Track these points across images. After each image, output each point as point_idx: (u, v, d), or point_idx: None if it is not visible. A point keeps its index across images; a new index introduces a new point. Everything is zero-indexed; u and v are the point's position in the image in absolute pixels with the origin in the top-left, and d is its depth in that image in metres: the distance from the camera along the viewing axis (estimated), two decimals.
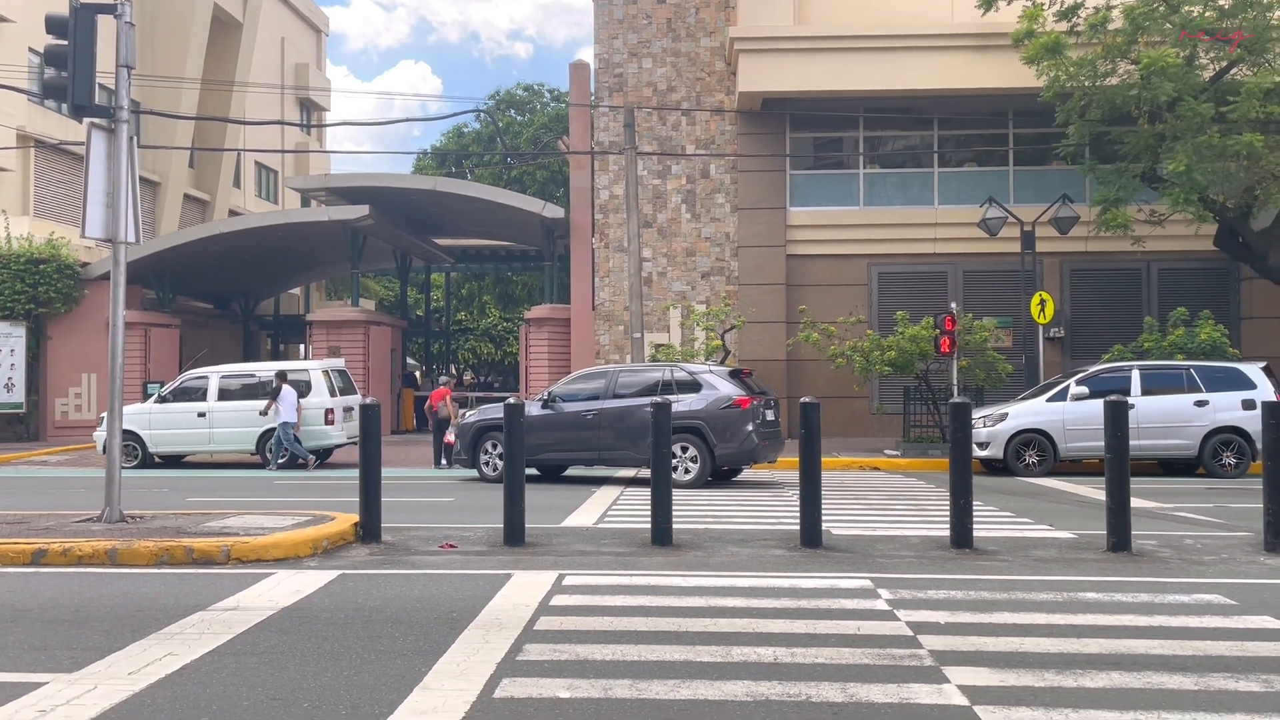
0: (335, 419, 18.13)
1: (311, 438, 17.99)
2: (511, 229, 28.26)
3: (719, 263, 23.34)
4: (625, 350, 23.14)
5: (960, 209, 22.52)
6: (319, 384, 18.23)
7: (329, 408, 18.10)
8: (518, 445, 8.66)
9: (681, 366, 14.63)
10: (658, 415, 8.63)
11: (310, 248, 27.62)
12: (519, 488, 8.58)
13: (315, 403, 18.06)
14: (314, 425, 17.96)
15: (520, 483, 8.60)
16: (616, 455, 14.41)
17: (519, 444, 8.67)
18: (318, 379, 18.31)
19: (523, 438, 8.72)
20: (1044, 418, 16.03)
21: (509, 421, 8.70)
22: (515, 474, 8.61)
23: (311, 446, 18.18)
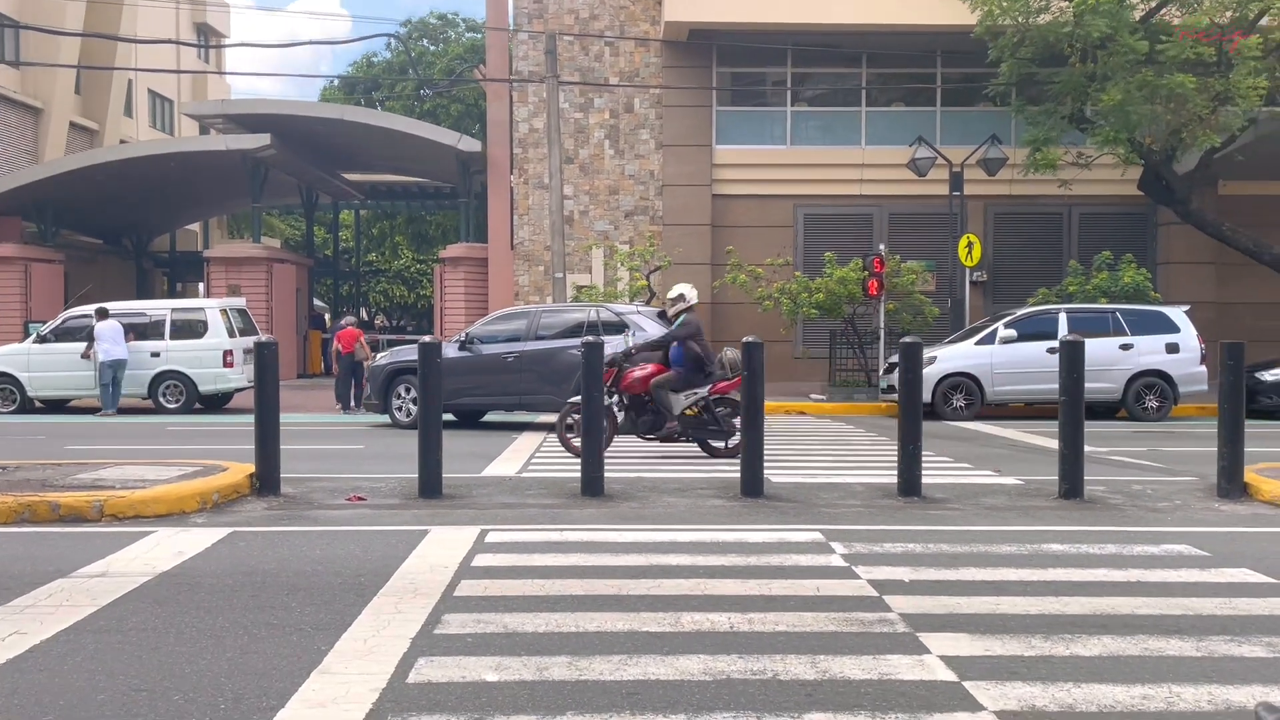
0: (234, 361, 16.96)
1: (208, 381, 16.83)
2: (425, 164, 26.96)
3: (643, 202, 22.56)
4: (546, 292, 22.30)
5: (887, 150, 22.11)
6: (215, 324, 17.01)
7: (227, 349, 16.93)
8: (434, 388, 7.88)
9: (607, 307, 13.91)
10: (589, 356, 7.93)
11: (207, 180, 25.92)
12: (435, 433, 7.82)
13: (212, 344, 16.86)
14: (211, 368, 16.79)
15: (437, 428, 7.83)
16: (539, 400, 13.70)
17: (436, 386, 7.89)
18: (214, 318, 17.08)
19: (440, 379, 7.94)
20: (972, 361, 15.81)
21: (425, 361, 7.90)
22: (431, 419, 7.84)
23: (209, 391, 17.04)
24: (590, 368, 7.93)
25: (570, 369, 13.33)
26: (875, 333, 18.13)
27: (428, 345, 7.93)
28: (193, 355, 16.76)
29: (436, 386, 7.88)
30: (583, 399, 7.96)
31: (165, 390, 16.80)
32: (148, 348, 16.73)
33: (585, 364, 7.95)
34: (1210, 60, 16.92)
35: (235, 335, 17.23)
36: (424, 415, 7.87)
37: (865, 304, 18.32)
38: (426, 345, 7.94)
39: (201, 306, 17.53)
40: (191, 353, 16.76)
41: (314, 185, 28.11)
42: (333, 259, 32.78)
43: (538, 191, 22.51)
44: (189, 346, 16.79)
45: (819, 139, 22.56)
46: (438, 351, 7.93)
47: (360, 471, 9.53)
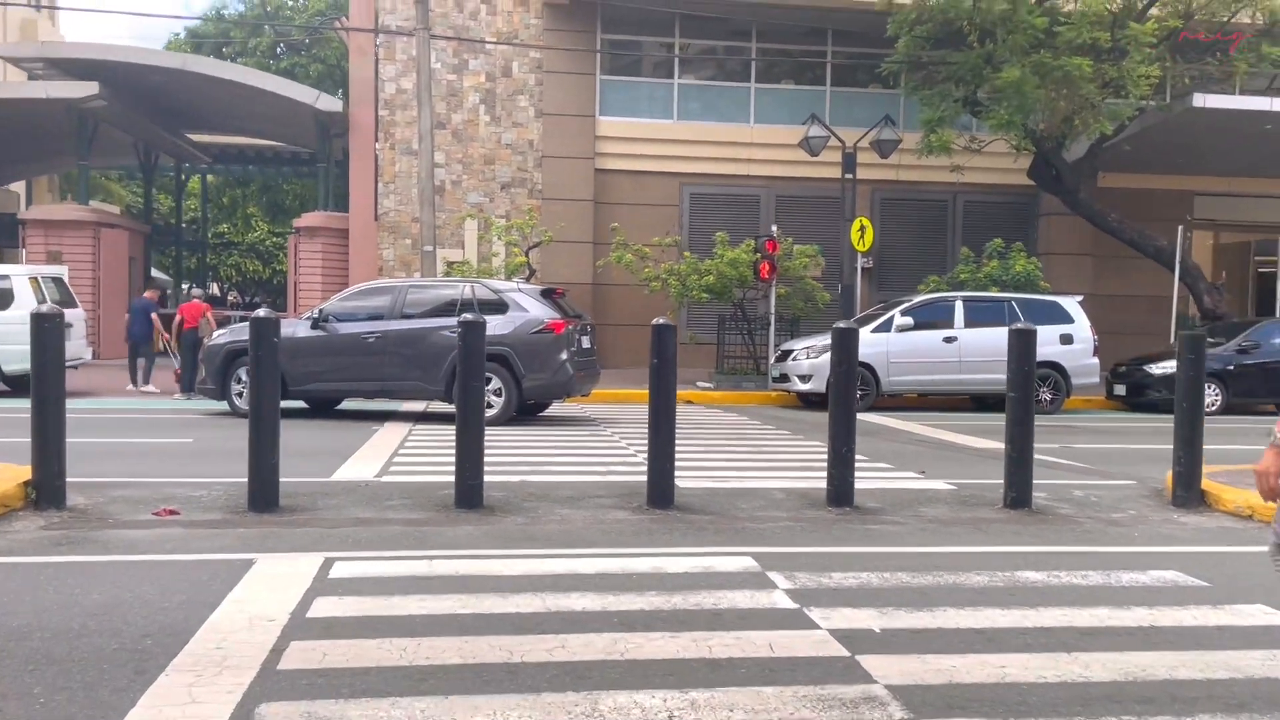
0: None
1: (12, 360, 14.52)
2: (280, 125, 24.68)
3: (521, 173, 21.05)
4: (414, 267, 20.57)
5: (776, 129, 21.28)
6: (23, 294, 14.70)
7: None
8: (268, 372, 6.36)
9: (485, 284, 12.45)
10: (468, 338, 6.55)
11: (29, 134, 22.96)
12: (270, 429, 6.31)
13: (17, 317, 14.53)
14: (15, 344, 14.45)
15: (272, 421, 6.32)
16: (404, 386, 12.15)
17: (270, 370, 6.37)
18: (21, 288, 14.76)
19: (276, 362, 6.42)
20: (868, 350, 14.95)
21: (257, 341, 6.36)
22: (265, 410, 6.32)
23: (14, 371, 14.73)
24: (470, 350, 6.55)
25: (442, 352, 11.86)
26: (765, 318, 17.22)
27: (262, 321, 6.38)
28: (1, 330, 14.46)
29: (271, 371, 6.36)
30: (458, 388, 6.57)
31: None
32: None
33: (463, 346, 6.57)
34: (1105, 47, 16.63)
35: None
36: (256, 405, 6.35)
37: (755, 288, 17.39)
38: (260, 321, 6.39)
39: (6, 274, 15.14)
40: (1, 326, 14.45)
41: (153, 144, 25.41)
42: (175, 227, 29.91)
43: (405, 158, 20.72)
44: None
45: (707, 114, 21.51)
46: (275, 329, 6.40)
47: (181, 474, 7.88)
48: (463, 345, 6.57)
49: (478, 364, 6.65)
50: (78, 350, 15.67)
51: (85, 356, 16.00)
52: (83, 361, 15.94)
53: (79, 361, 15.76)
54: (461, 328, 6.61)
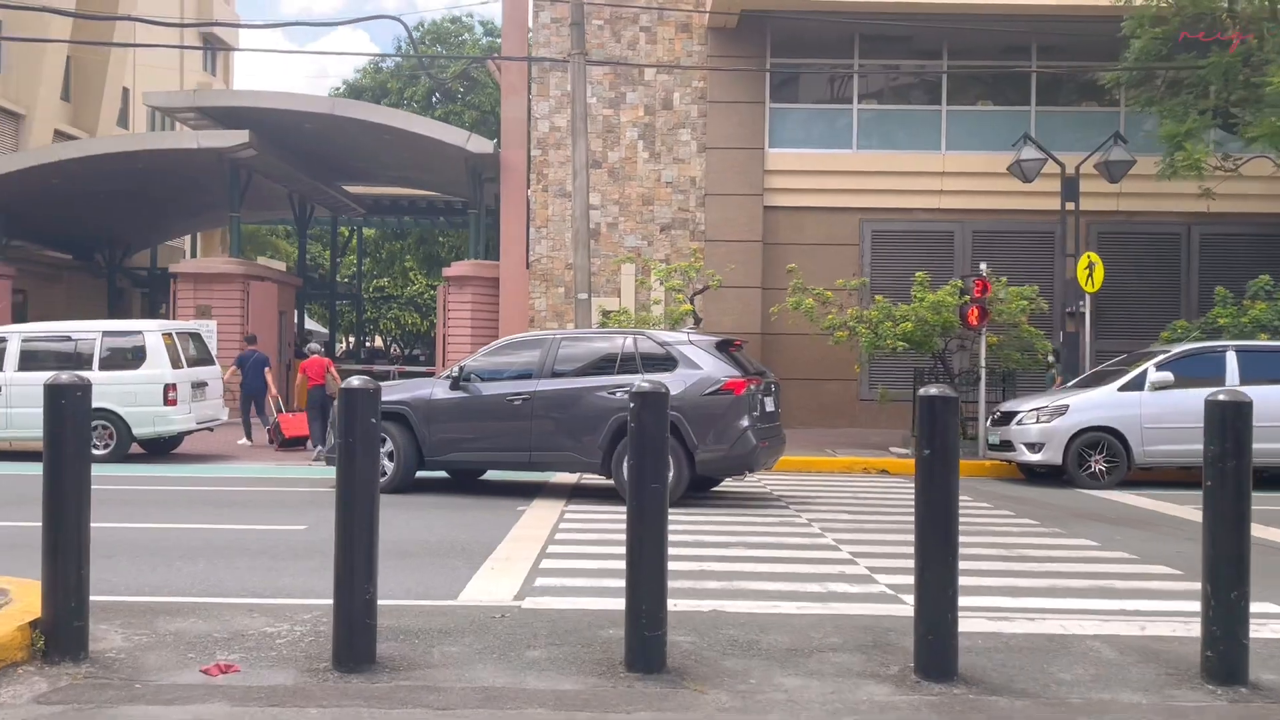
0: (178, 398, 13.59)
1: (144, 422, 13.47)
2: (432, 172, 23.76)
3: (682, 213, 19.18)
4: (566, 317, 18.92)
5: (971, 156, 18.71)
6: (156, 350, 13.65)
7: (169, 383, 13.55)
8: (365, 467, 4.44)
9: (649, 335, 10.45)
10: (644, 415, 4.50)
11: (185, 186, 22.79)
12: (365, 548, 4.40)
13: (150, 376, 13.51)
14: (148, 406, 13.43)
15: (368, 537, 4.41)
16: (554, 458, 10.24)
17: (367, 464, 4.46)
18: (154, 344, 13.68)
19: (375, 451, 4.51)
20: (1116, 411, 12.23)
21: (350, 423, 4.45)
22: (357, 523, 4.41)
23: (146, 434, 13.69)
24: (647, 435, 4.48)
25: (599, 416, 9.92)
26: (972, 373, 14.58)
27: (356, 394, 4.47)
28: (125, 390, 13.42)
29: (368, 465, 4.45)
30: (631, 487, 4.50)
31: (93, 432, 13.48)
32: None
33: (637, 428, 4.51)
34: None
35: (183, 365, 13.90)
36: (345, 518, 4.43)
37: (961, 336, 14.81)
38: (354, 394, 4.48)
39: (139, 329, 14.10)
40: (124, 386, 13.42)
41: (307, 196, 24.94)
42: (329, 279, 29.54)
43: (558, 200, 19.19)
44: (121, 379, 13.45)
45: (890, 143, 19.14)
46: (372, 405, 4.47)
47: (272, 586, 6.09)
48: (636, 427, 4.51)
49: (657, 452, 4.56)
50: (212, 410, 14.57)
51: (221, 417, 14.88)
52: (219, 422, 14.83)
53: (214, 422, 14.65)
54: (635, 401, 4.56)
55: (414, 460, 10.50)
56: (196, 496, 10.13)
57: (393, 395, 10.74)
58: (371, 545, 4.42)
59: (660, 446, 4.55)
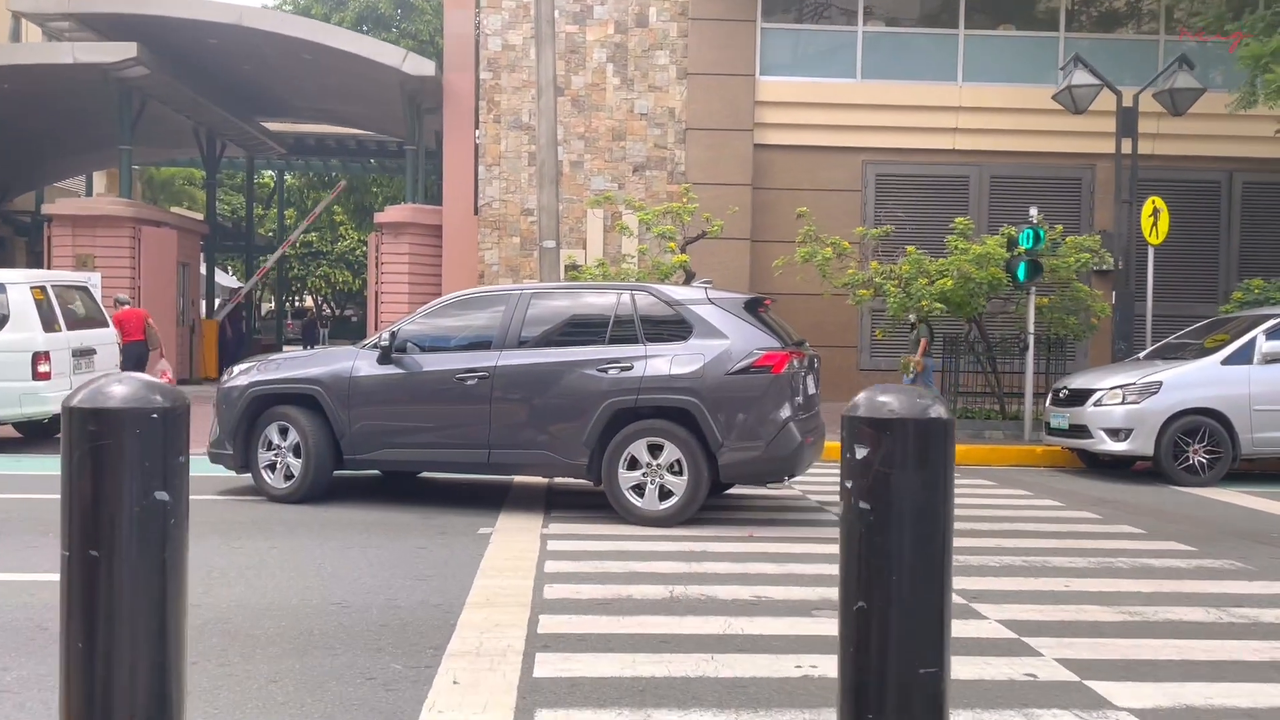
0: (53, 369, 10.53)
1: (6, 402, 10.37)
2: (363, 104, 20.58)
3: (658, 151, 16.38)
4: (524, 272, 16.10)
5: (992, 88, 16.24)
6: (21, 308, 10.51)
7: (39, 351, 10.47)
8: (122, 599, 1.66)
9: (654, 290, 7.69)
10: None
11: (69, 115, 19.34)
12: None
13: (13, 341, 10.39)
14: (12, 380, 10.32)
15: None
16: (524, 457, 7.50)
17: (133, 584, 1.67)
18: (19, 300, 10.54)
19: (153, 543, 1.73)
20: (1220, 390, 9.86)
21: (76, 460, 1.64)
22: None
23: (9, 417, 10.61)
24: None
25: (585, 401, 7.25)
26: (1021, 340, 12.12)
27: (95, 412, 1.67)
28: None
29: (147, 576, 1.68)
30: None
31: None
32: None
33: None
34: None
35: (60, 327, 10.81)
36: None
37: (1006, 297, 12.35)
38: (85, 412, 1.67)
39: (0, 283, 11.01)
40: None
41: (215, 130, 21.57)
42: (246, 229, 26.12)
43: (513, 133, 16.25)
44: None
45: (899, 71, 16.52)
46: (168, 436, 1.68)
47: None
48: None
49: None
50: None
51: None
52: None
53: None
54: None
55: (329, 458, 7.72)
56: (39, 512, 7.24)
57: (301, 370, 7.92)
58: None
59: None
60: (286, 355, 8.69)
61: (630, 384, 7.17)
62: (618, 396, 7.17)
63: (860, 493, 1.63)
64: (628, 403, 7.17)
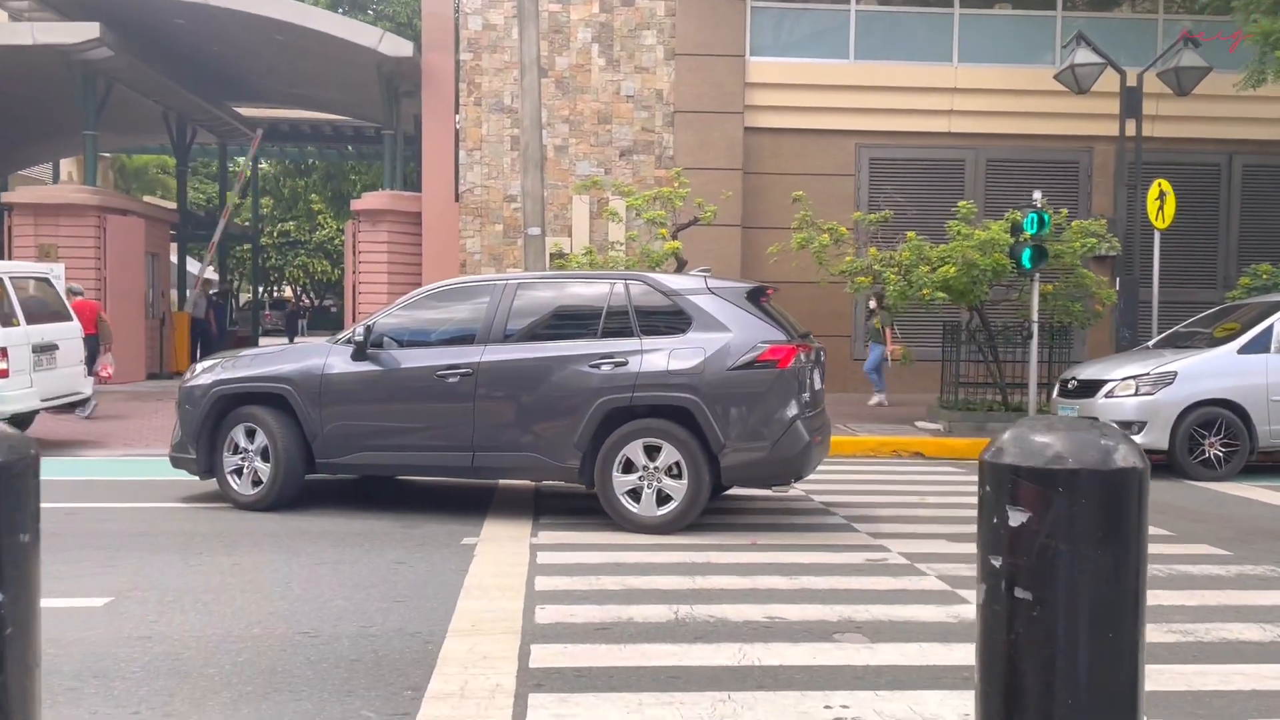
0: (10, 366, 9.90)
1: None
2: (339, 89, 19.90)
3: (646, 135, 15.83)
4: (507, 260, 15.54)
5: (988, 69, 15.80)
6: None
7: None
8: None
9: (648, 279, 7.17)
10: None
11: (31, 99, 18.60)
12: None
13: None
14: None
15: None
16: (510, 460, 6.97)
17: None
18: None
19: None
20: (1237, 380, 9.45)
21: None
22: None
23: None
24: None
25: (576, 400, 6.76)
26: (1025, 328, 11.67)
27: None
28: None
29: None
30: None
31: None
32: None
33: None
34: None
35: (18, 321, 10.16)
36: None
37: (1009, 284, 11.90)
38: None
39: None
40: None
41: (186, 115, 20.84)
42: (214, 215, 25.36)
43: (494, 116, 15.66)
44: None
45: (893, 52, 16.03)
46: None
47: None
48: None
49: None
50: (66, 381, 10.79)
51: (82, 390, 11.08)
52: (78, 397, 11.07)
53: (71, 397, 10.88)
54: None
55: (300, 462, 7.17)
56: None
57: (269, 368, 7.36)
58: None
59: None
60: (253, 351, 8.11)
61: (624, 381, 6.67)
62: (611, 394, 6.67)
63: (1016, 575, 1.14)
64: (622, 401, 6.67)
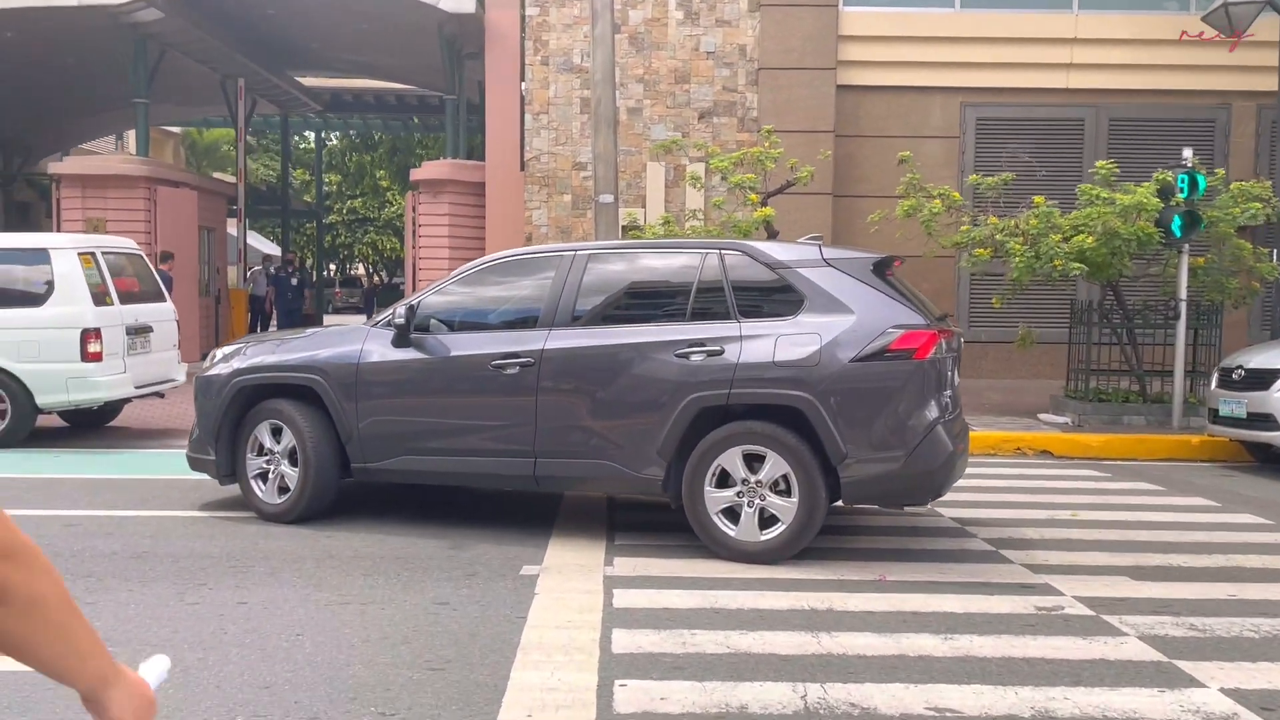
0: (104, 349, 8.89)
1: (51, 388, 8.76)
2: (401, 55, 18.89)
3: (727, 95, 14.44)
4: (576, 234, 14.34)
5: (1114, 17, 14.07)
6: (69, 278, 8.83)
7: (88, 328, 8.81)
8: None
9: (748, 248, 5.85)
10: None
11: (85, 68, 17.94)
12: None
13: (60, 316, 8.79)
14: (58, 362, 8.75)
15: None
16: (579, 469, 5.74)
17: None
18: (66, 269, 8.84)
19: None
20: None
21: None
22: None
23: (54, 405, 8.97)
24: None
25: (659, 396, 5.51)
26: (1172, 306, 10.06)
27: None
28: (23, 339, 8.74)
29: None
30: None
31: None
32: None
33: None
34: None
35: (112, 300, 9.15)
36: None
37: (1153, 256, 10.31)
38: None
39: (43, 246, 9.13)
40: (21, 333, 8.73)
41: (245, 83, 19.99)
42: (281, 193, 24.64)
43: (563, 76, 14.42)
44: (15, 321, 8.76)
45: (1003, 0, 14.37)
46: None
47: None
48: None
49: None
50: (162, 367, 9.78)
51: (177, 378, 9.99)
52: (172, 385, 10.05)
53: (167, 385, 9.88)
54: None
55: (332, 467, 6.07)
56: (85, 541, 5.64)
57: (298, 354, 6.24)
58: None
59: None
60: (282, 334, 7.00)
61: (720, 373, 5.40)
62: (704, 390, 5.41)
63: None
64: (717, 398, 5.40)
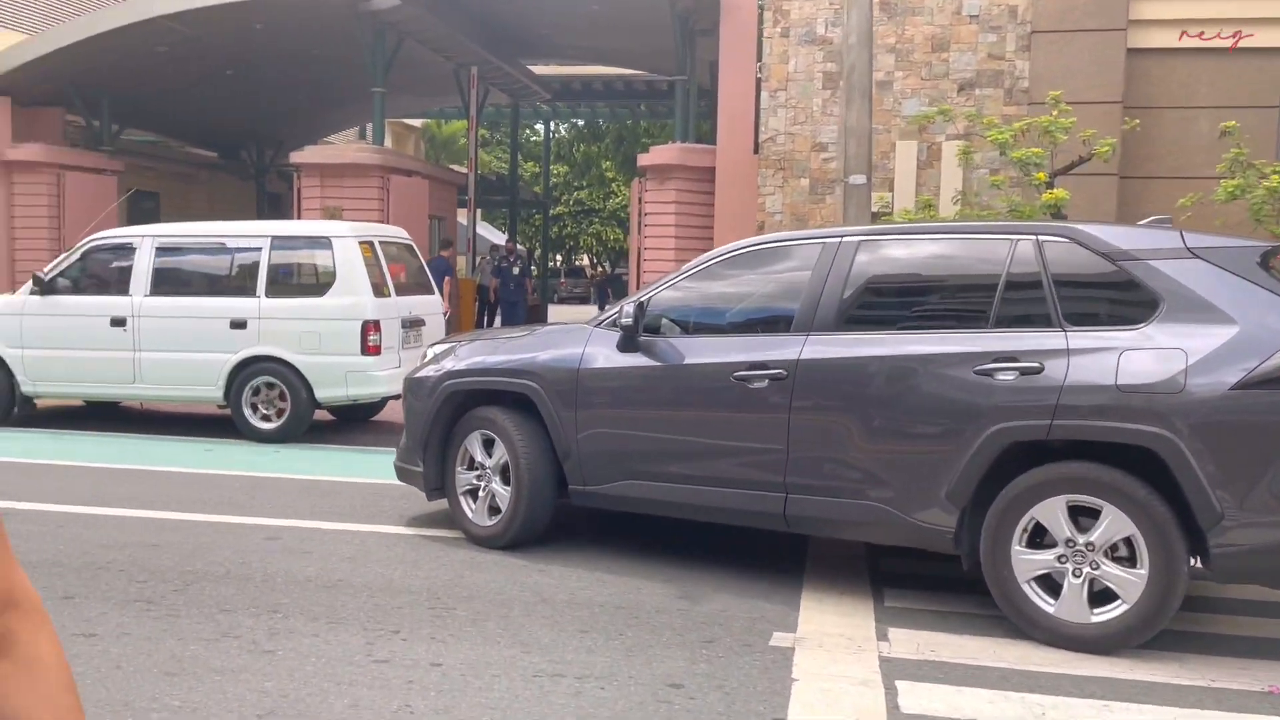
0: (383, 343, 8.68)
1: (331, 382, 8.62)
2: (631, 36, 18.24)
3: (993, 63, 12.71)
4: (813, 222, 13.08)
5: None
6: (350, 267, 8.63)
7: (369, 320, 8.59)
8: None
9: (1078, 233, 4.48)
10: None
11: (326, 60, 18.39)
12: None
13: (341, 307, 8.60)
14: (338, 354, 8.60)
15: None
16: (841, 509, 4.55)
17: None
18: (347, 258, 8.64)
19: None
20: None
21: None
22: None
23: (333, 399, 8.84)
24: None
25: (956, 425, 4.21)
26: None
27: None
28: (304, 330, 8.63)
29: None
30: None
31: (255, 394, 8.78)
32: (224, 309, 8.76)
33: None
34: None
35: (389, 292, 8.92)
36: None
37: None
38: None
39: (324, 234, 8.89)
40: (302, 324, 8.63)
41: (478, 73, 19.98)
42: (509, 182, 24.69)
43: (804, 49, 13.17)
44: (297, 312, 8.67)
45: None
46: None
47: None
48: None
49: None
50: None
51: None
52: None
53: None
54: None
55: (549, 486, 5.21)
56: (287, 563, 5.28)
57: (512, 356, 5.41)
58: None
59: None
60: (496, 333, 6.21)
61: (1038, 398, 4.08)
62: (1013, 419, 4.11)
63: None
64: (1033, 431, 4.09)
